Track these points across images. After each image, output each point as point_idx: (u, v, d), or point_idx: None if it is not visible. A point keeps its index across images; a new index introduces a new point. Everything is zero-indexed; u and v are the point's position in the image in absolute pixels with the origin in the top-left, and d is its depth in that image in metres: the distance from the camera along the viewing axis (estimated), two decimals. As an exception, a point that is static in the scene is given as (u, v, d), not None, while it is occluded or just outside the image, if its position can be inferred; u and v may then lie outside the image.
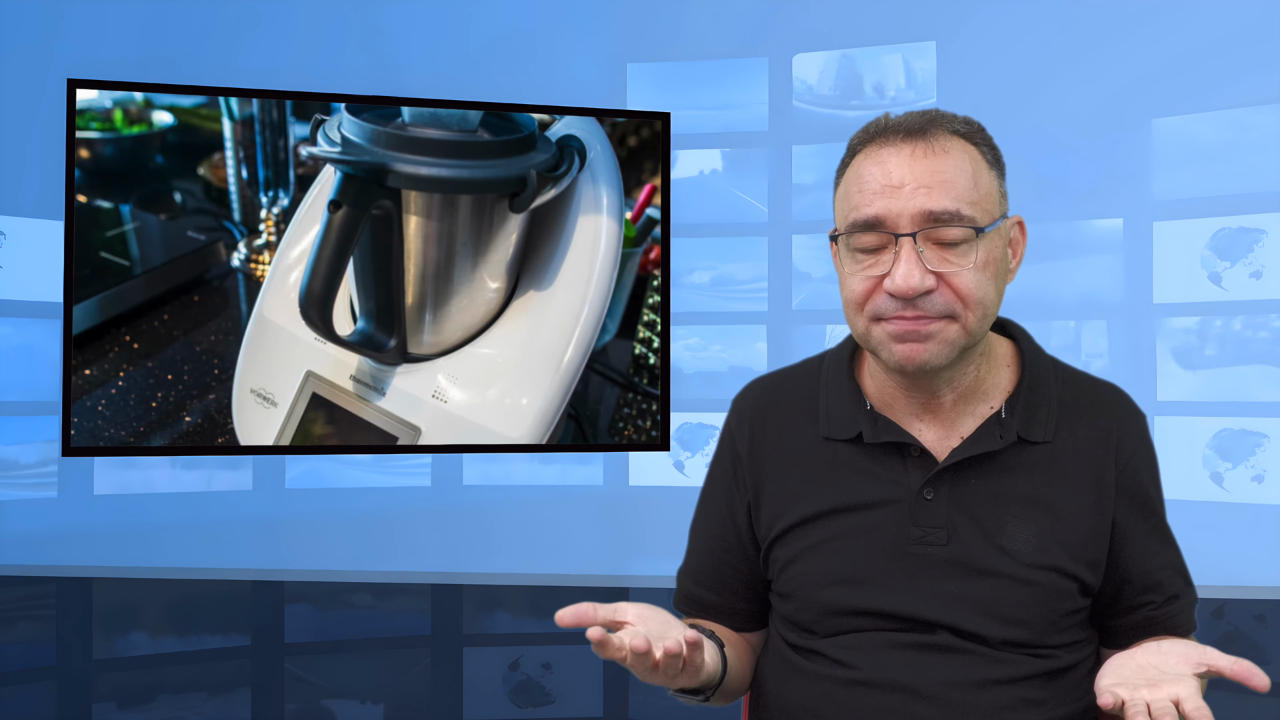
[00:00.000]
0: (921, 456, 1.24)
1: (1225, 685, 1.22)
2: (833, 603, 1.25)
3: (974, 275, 1.16)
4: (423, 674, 3.24)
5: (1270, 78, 2.66)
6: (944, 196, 1.16)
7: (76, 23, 2.99)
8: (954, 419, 1.25)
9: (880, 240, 1.17)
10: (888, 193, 1.16)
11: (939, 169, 1.17)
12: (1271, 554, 2.67)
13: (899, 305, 1.16)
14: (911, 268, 1.15)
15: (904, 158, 1.17)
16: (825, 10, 3.03)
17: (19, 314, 2.97)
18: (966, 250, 1.16)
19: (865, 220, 1.17)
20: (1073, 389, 1.28)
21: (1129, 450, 1.26)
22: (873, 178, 1.18)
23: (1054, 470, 1.23)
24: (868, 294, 1.18)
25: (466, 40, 3.10)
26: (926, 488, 1.23)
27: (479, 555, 3.12)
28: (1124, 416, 1.28)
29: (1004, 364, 1.28)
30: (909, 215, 1.16)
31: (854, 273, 1.19)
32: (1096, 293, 2.83)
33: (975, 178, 1.18)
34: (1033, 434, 1.24)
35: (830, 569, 1.25)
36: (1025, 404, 1.25)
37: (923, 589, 1.22)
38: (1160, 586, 1.26)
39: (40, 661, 3.10)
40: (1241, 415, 2.70)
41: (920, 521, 1.22)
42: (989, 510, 1.22)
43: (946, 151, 1.18)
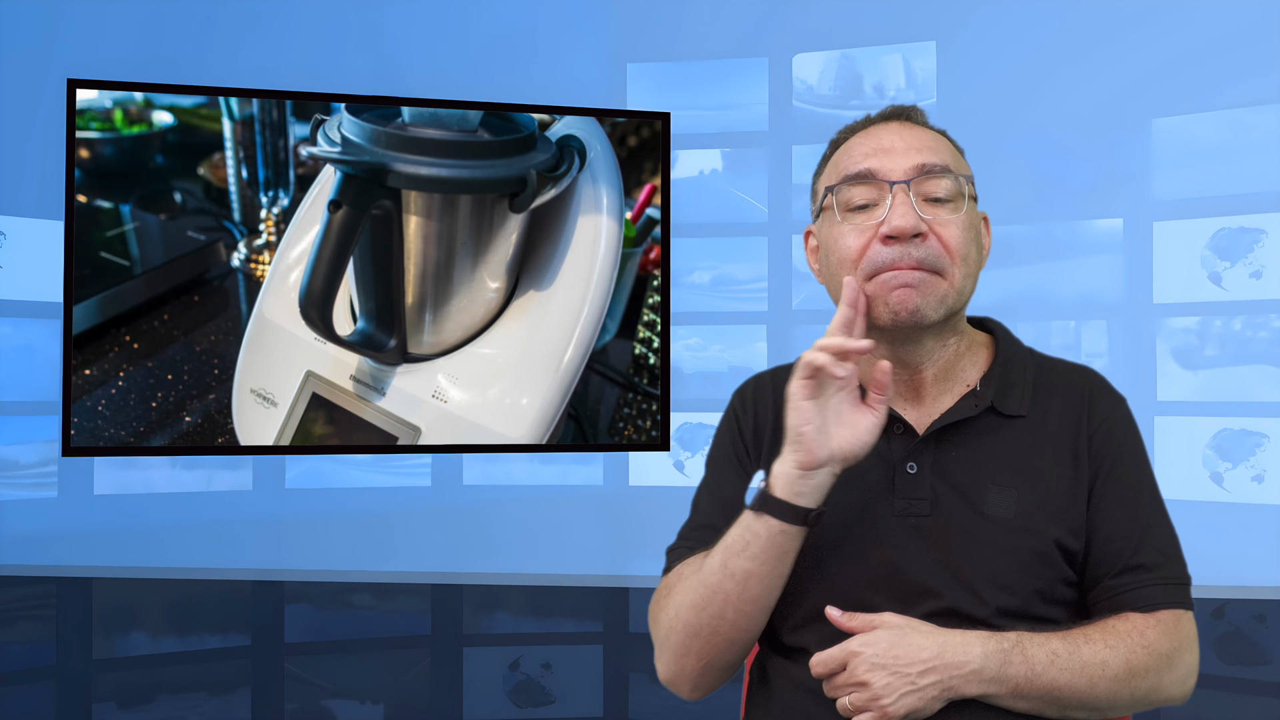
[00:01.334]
0: (904, 433, 1.28)
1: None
2: (818, 575, 1.26)
3: (961, 232, 1.24)
4: (423, 674, 3.24)
5: (1270, 78, 2.66)
6: (932, 156, 1.25)
7: (76, 23, 2.99)
8: (934, 398, 1.30)
9: (872, 194, 1.25)
10: (879, 153, 1.26)
11: (925, 139, 1.27)
12: (1271, 554, 2.67)
13: (895, 254, 1.22)
14: (906, 209, 1.22)
15: (892, 129, 1.28)
16: (825, 10, 3.03)
17: (19, 314, 2.97)
18: (953, 209, 1.25)
19: (858, 172, 1.26)
20: (1048, 371, 1.33)
21: (1100, 417, 1.29)
22: (863, 145, 1.28)
23: (1032, 440, 1.27)
24: (863, 249, 1.24)
25: (466, 40, 3.10)
26: (909, 460, 1.26)
27: (479, 555, 3.12)
28: (1097, 390, 1.31)
29: (982, 350, 1.34)
30: (902, 168, 1.24)
31: (847, 231, 1.25)
32: (1096, 293, 2.83)
33: (955, 155, 1.29)
34: (1007, 406, 1.28)
35: (816, 542, 1.26)
36: (1000, 380, 1.29)
37: (909, 558, 1.23)
38: (1119, 554, 1.24)
39: (40, 661, 3.10)
40: (1241, 415, 2.70)
41: (903, 493, 1.25)
42: (970, 479, 1.25)
43: (929, 130, 1.30)
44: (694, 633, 1.26)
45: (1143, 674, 1.18)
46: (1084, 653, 1.17)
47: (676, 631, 1.27)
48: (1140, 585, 1.23)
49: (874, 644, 1.16)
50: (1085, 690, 1.17)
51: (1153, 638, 1.20)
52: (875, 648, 1.16)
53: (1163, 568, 1.24)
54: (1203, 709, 1.27)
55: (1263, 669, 2.79)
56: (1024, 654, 1.16)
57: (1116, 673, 1.17)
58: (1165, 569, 1.24)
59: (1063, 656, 1.17)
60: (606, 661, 3.21)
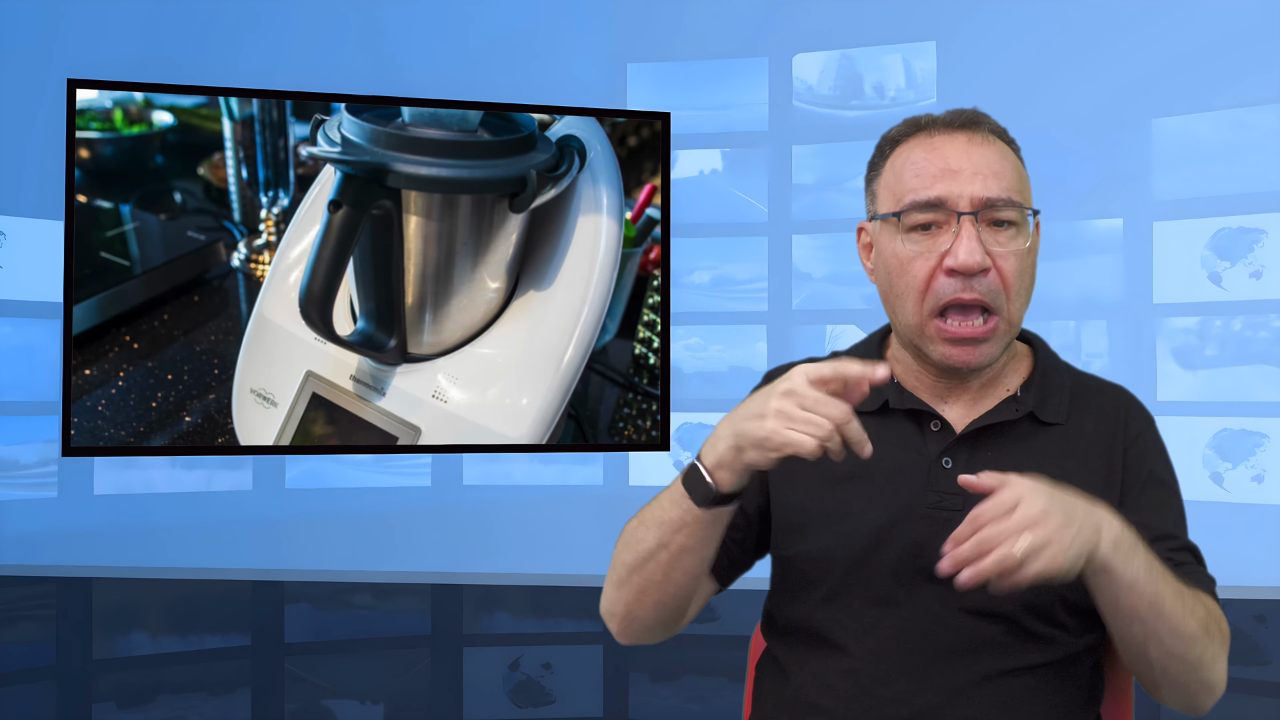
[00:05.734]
0: (941, 430, 1.29)
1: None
2: (846, 555, 1.27)
3: (1019, 264, 1.25)
4: (423, 674, 3.24)
5: (1270, 78, 2.66)
6: (997, 184, 1.24)
7: (76, 23, 2.99)
8: (975, 401, 1.31)
9: (937, 218, 1.24)
10: (947, 176, 1.24)
11: (991, 159, 1.26)
12: (1271, 554, 2.67)
13: (958, 285, 1.23)
14: (974, 244, 1.22)
15: (959, 145, 1.26)
16: (825, 10, 3.03)
17: (19, 314, 2.97)
18: (1015, 234, 1.25)
19: (926, 201, 1.24)
20: (1084, 384, 1.36)
21: (1135, 431, 1.31)
22: (929, 162, 1.26)
23: (1067, 449, 1.29)
24: (929, 278, 1.24)
25: (466, 40, 3.10)
26: (945, 456, 1.28)
27: (479, 555, 3.12)
28: (1132, 409, 1.34)
29: (1023, 359, 1.36)
30: (969, 197, 1.23)
31: (915, 255, 1.25)
32: (1096, 293, 2.83)
33: (1018, 171, 1.29)
34: (1046, 414, 1.30)
35: (848, 526, 1.27)
36: (1039, 387, 1.31)
37: (936, 550, 1.21)
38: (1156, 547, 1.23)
39: (40, 661, 3.10)
40: (1241, 415, 2.70)
41: (937, 487, 1.27)
42: None
43: (994, 144, 1.28)
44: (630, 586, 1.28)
45: (1205, 640, 1.17)
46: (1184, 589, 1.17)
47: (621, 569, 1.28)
48: (1186, 564, 1.25)
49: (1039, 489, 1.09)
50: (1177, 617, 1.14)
51: (1218, 616, 1.21)
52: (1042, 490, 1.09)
53: (1197, 568, 1.27)
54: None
55: (1263, 669, 2.79)
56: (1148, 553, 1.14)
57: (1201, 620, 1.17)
58: (1200, 570, 1.27)
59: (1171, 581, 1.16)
60: (606, 661, 3.21)
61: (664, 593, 1.27)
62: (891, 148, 1.31)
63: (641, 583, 1.27)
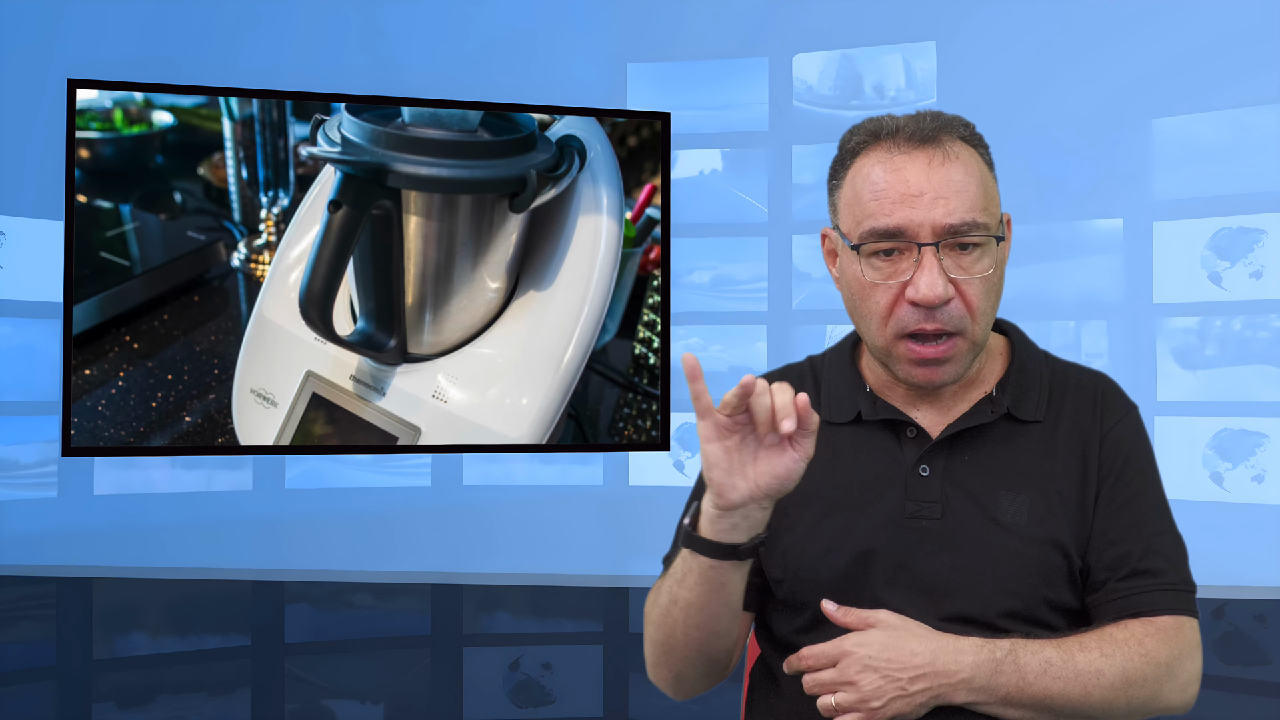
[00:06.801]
0: (917, 436, 1.28)
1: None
2: (830, 576, 1.26)
3: (983, 286, 1.22)
4: (423, 674, 3.24)
5: (1270, 78, 2.66)
6: (960, 207, 1.19)
7: (76, 23, 2.99)
8: (950, 404, 1.29)
9: (899, 245, 1.20)
10: (907, 202, 1.19)
11: (954, 178, 1.20)
12: (1271, 554, 2.67)
13: (920, 316, 1.20)
14: (935, 277, 1.19)
15: (920, 166, 1.20)
16: (825, 10, 3.03)
17: (19, 314, 2.97)
18: (980, 255, 1.21)
19: (886, 230, 1.20)
20: (1062, 375, 1.33)
21: (1111, 422, 1.29)
22: (889, 185, 1.21)
23: (1045, 447, 1.27)
24: (891, 306, 1.21)
25: (466, 40, 3.10)
26: (921, 464, 1.26)
27: (479, 555, 3.12)
28: (1109, 396, 1.31)
29: (998, 355, 1.33)
30: (930, 226, 1.19)
31: (876, 283, 1.22)
32: (1096, 293, 2.83)
33: (983, 183, 1.23)
34: (1023, 412, 1.28)
35: (829, 544, 1.26)
36: (1015, 385, 1.29)
37: (918, 560, 1.24)
38: (1126, 559, 1.23)
39: (40, 661, 3.10)
40: (1241, 415, 2.70)
41: (915, 496, 1.25)
42: (982, 484, 1.25)
43: (958, 158, 1.22)
44: (659, 647, 1.29)
45: (1140, 683, 1.18)
46: (1079, 661, 1.17)
47: (649, 643, 1.30)
48: (1143, 590, 1.23)
49: (868, 644, 1.16)
50: (1079, 699, 1.16)
51: (1151, 646, 1.19)
52: (869, 648, 1.15)
53: (1167, 574, 1.24)
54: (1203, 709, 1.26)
55: (1263, 669, 2.79)
56: (1016, 663, 1.16)
57: (1112, 681, 1.17)
58: (1169, 575, 1.24)
59: (1056, 665, 1.16)
60: (606, 661, 3.21)
61: (690, 648, 1.28)
62: (852, 158, 1.26)
63: (667, 644, 1.28)
